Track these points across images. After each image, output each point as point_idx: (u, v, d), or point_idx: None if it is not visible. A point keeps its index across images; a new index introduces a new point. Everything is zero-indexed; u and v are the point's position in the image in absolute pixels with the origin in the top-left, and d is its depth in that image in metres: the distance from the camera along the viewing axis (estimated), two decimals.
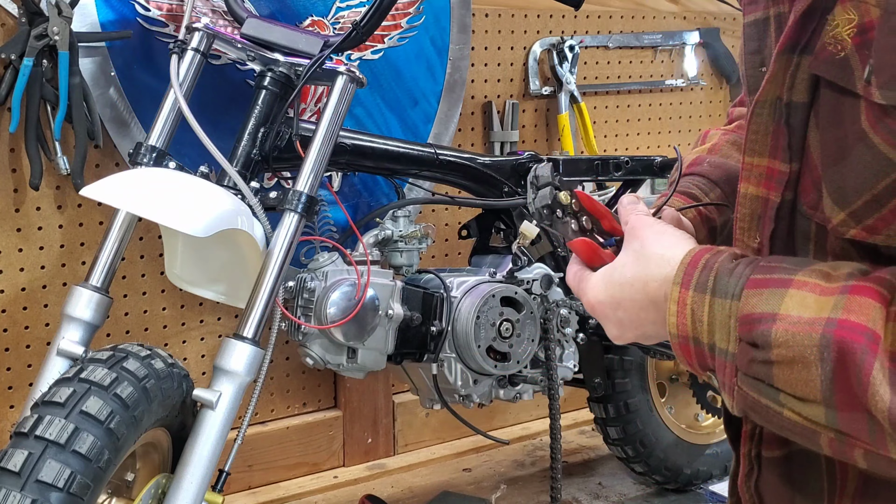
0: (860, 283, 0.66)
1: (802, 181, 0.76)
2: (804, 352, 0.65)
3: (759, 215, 0.80)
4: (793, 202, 0.77)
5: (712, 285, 0.71)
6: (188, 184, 1.51)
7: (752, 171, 0.79)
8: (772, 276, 0.69)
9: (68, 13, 1.82)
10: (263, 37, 1.76)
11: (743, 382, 0.69)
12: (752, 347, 0.68)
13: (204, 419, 1.46)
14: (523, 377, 2.00)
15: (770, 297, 0.68)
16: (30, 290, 1.96)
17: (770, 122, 0.77)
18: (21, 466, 1.25)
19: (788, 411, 0.67)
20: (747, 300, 0.69)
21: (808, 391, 0.65)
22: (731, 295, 0.70)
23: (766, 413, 0.69)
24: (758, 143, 0.78)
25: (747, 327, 0.68)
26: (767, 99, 0.77)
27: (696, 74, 2.91)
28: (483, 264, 2.11)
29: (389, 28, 2.26)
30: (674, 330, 0.74)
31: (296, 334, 1.84)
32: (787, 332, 0.66)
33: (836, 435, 0.66)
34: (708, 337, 0.71)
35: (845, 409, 0.64)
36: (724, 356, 0.70)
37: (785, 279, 0.68)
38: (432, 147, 2.04)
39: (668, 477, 2.33)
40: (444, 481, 2.41)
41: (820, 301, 0.66)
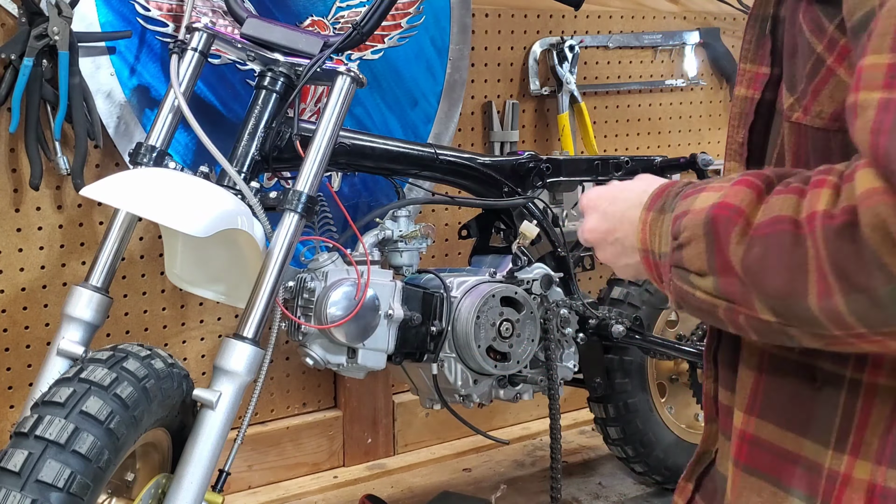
0: (744, 178, 0.78)
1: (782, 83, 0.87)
2: (696, 231, 0.78)
3: (745, 113, 0.92)
4: (772, 102, 0.89)
5: (665, 205, 0.85)
6: (188, 184, 1.51)
7: (745, 75, 0.92)
8: (696, 188, 0.82)
9: (68, 13, 1.82)
10: (263, 37, 1.76)
11: (673, 274, 0.82)
12: (674, 240, 0.81)
13: (204, 419, 1.46)
14: (523, 377, 2.00)
15: (690, 200, 0.81)
16: (30, 290, 1.96)
17: (761, 33, 0.90)
18: (21, 466, 1.25)
19: (698, 291, 0.79)
20: (678, 207, 0.82)
21: (700, 264, 0.78)
22: (671, 209, 0.83)
23: (688, 298, 0.81)
24: (749, 52, 0.91)
25: (673, 226, 0.82)
26: (759, 14, 0.90)
27: (696, 74, 2.91)
28: (483, 264, 2.11)
29: (389, 28, 2.26)
30: (638, 244, 0.87)
31: (296, 334, 1.84)
32: (688, 219, 0.79)
33: (727, 304, 0.77)
34: (658, 246, 0.84)
35: (722, 273, 0.76)
36: (664, 257, 0.83)
37: (704, 186, 0.82)
38: (432, 147, 2.04)
39: (668, 477, 2.33)
40: (444, 481, 2.41)
41: (713, 195, 0.79)
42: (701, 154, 2.29)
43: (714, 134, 3.01)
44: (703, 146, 2.98)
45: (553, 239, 2.14)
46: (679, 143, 2.94)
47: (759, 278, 0.72)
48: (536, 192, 2.14)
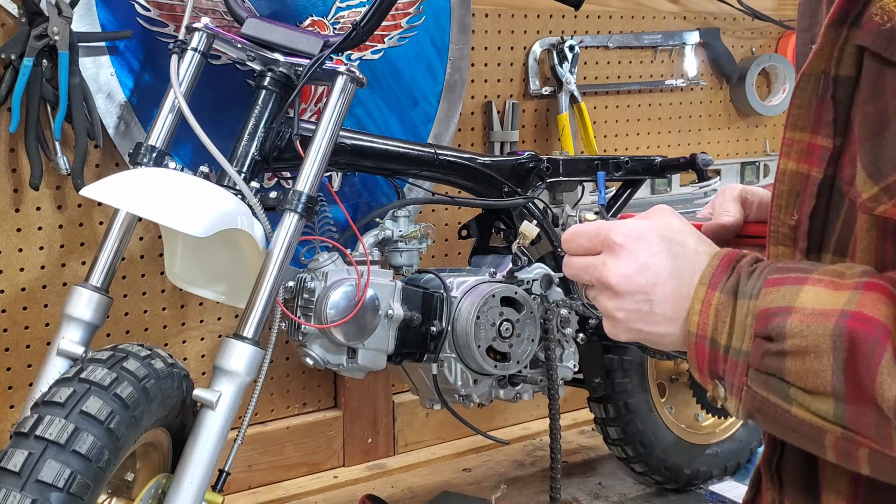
0: (873, 281, 0.67)
1: (843, 157, 0.75)
2: (818, 341, 0.66)
3: (797, 192, 0.79)
4: (833, 178, 0.76)
5: (735, 287, 0.72)
6: (188, 184, 1.51)
7: (794, 146, 0.78)
8: (788, 276, 0.70)
9: (68, 13, 1.82)
10: (263, 37, 1.76)
11: (753, 380, 0.70)
12: (766, 341, 0.69)
13: (204, 419, 1.46)
14: (523, 377, 2.00)
15: (787, 293, 0.69)
16: (30, 290, 1.96)
17: (814, 96, 0.76)
18: (21, 466, 1.25)
19: (797, 407, 0.68)
20: (765, 297, 0.70)
21: (818, 383, 0.66)
22: (750, 294, 0.71)
23: (773, 413, 0.69)
24: (801, 118, 0.77)
25: (763, 322, 0.69)
26: (813, 73, 0.75)
27: (696, 74, 2.91)
28: (483, 264, 2.11)
29: (389, 28, 2.26)
30: (693, 329, 0.74)
31: (296, 334, 1.84)
32: (801, 323, 0.66)
33: (843, 432, 0.66)
34: (726, 338, 0.72)
35: (853, 401, 0.64)
36: (737, 356, 0.71)
37: (801, 277, 0.69)
38: (432, 147, 2.04)
39: (668, 477, 2.33)
40: (444, 481, 2.41)
41: (834, 295, 0.67)
42: (701, 154, 2.29)
43: (714, 134, 3.01)
44: (703, 146, 2.98)
45: (553, 239, 2.14)
46: (679, 143, 2.94)
47: None
48: (536, 192, 2.14)
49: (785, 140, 0.79)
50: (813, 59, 0.75)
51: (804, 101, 0.77)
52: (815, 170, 0.77)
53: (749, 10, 2.94)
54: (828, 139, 0.76)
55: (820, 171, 0.76)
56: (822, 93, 0.75)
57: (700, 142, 2.98)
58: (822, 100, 0.75)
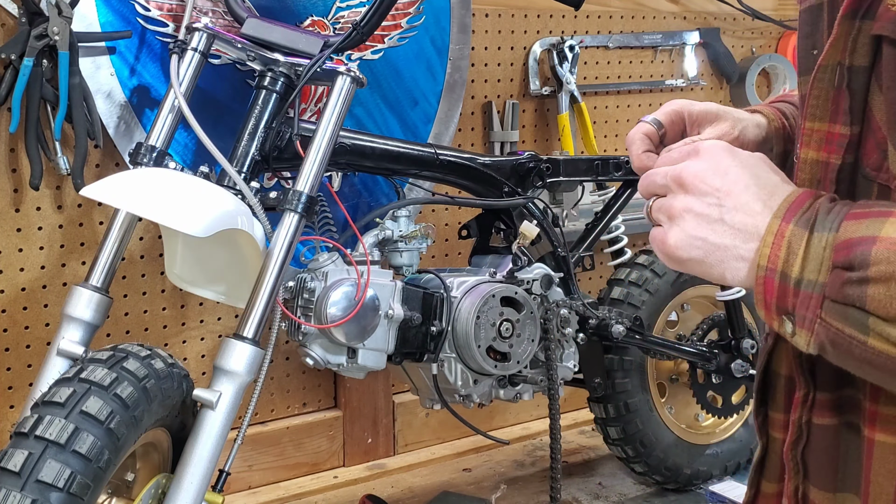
0: None
1: (865, 144, 0.76)
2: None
3: (818, 179, 0.80)
4: (853, 165, 0.77)
5: (813, 222, 0.71)
6: (188, 184, 1.51)
7: (813, 135, 0.79)
8: (871, 210, 0.70)
9: (68, 13, 1.82)
10: (263, 37, 1.76)
11: (828, 311, 0.69)
12: (845, 271, 0.68)
13: (204, 419, 1.46)
14: (523, 377, 2.00)
15: (871, 224, 0.68)
16: (30, 290, 1.96)
17: (831, 86, 0.77)
18: (21, 466, 1.25)
19: (874, 338, 0.67)
20: (846, 229, 0.69)
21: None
22: (829, 228, 0.70)
23: (847, 344, 0.69)
24: (819, 108, 0.78)
25: (844, 252, 0.68)
26: (829, 64, 0.77)
27: (696, 74, 2.91)
28: (483, 264, 2.11)
29: (389, 28, 2.26)
30: (764, 262, 0.72)
31: (296, 334, 1.84)
32: (887, 250, 0.66)
33: None
34: (799, 271, 0.71)
35: None
36: (812, 287, 0.70)
37: (885, 211, 0.69)
38: (432, 147, 2.04)
39: (668, 477, 2.33)
40: (444, 481, 2.41)
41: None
42: None
43: None
44: None
45: (553, 239, 2.14)
46: None
47: None
48: (536, 192, 2.14)
49: (805, 131, 0.80)
50: (829, 51, 0.76)
51: (822, 91, 0.78)
52: (834, 157, 0.78)
53: (749, 10, 2.94)
54: (845, 127, 0.76)
55: (839, 157, 0.77)
56: (839, 83, 0.76)
57: None
58: (839, 90, 0.76)
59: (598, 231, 2.30)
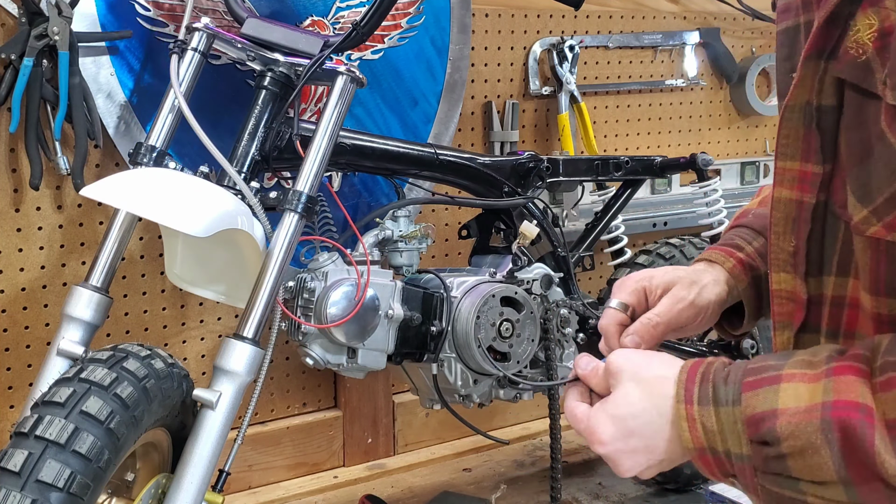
0: (840, 364, 0.71)
1: (834, 182, 0.78)
2: (811, 438, 0.69)
3: (793, 218, 0.82)
4: (825, 203, 0.79)
5: (712, 395, 0.75)
6: (188, 184, 1.51)
7: (786, 175, 0.81)
8: (763, 376, 0.74)
9: (68, 13, 1.82)
10: (263, 37, 1.76)
11: (764, 480, 0.73)
12: (763, 446, 0.72)
13: (204, 419, 1.46)
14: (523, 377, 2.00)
15: (766, 396, 0.72)
16: (30, 290, 1.96)
17: (801, 126, 0.79)
18: (21, 466, 1.25)
19: (812, 497, 0.71)
20: (747, 402, 0.73)
21: (823, 474, 0.69)
22: (731, 401, 0.74)
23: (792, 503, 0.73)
24: (790, 147, 0.80)
25: (754, 428, 0.72)
26: (797, 104, 0.79)
27: (696, 74, 2.91)
28: (483, 264, 2.11)
29: (389, 28, 2.26)
30: (690, 445, 0.77)
31: (296, 334, 1.84)
32: (790, 424, 0.70)
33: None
34: (722, 445, 0.75)
35: (861, 482, 0.68)
36: (742, 460, 0.74)
37: (774, 376, 0.73)
38: (432, 147, 2.04)
39: (668, 477, 2.33)
40: (444, 481, 2.41)
41: (811, 388, 0.70)
42: (701, 154, 2.29)
43: (714, 134, 3.01)
44: (703, 146, 2.98)
45: (553, 239, 2.14)
46: (679, 143, 2.94)
47: None
48: (536, 192, 2.14)
49: (777, 170, 0.82)
50: (795, 91, 0.78)
51: (791, 131, 0.80)
52: (808, 195, 0.80)
53: (749, 10, 2.94)
54: (817, 166, 0.78)
55: (812, 196, 0.80)
56: (808, 122, 0.78)
57: (700, 142, 2.98)
58: (809, 129, 0.78)
59: (598, 231, 2.30)
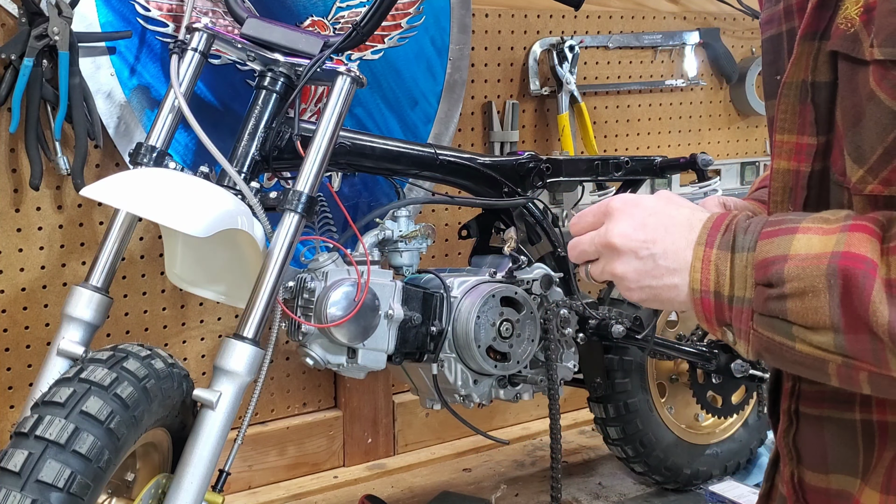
0: (857, 222, 0.74)
1: (833, 152, 0.82)
2: (814, 282, 0.72)
3: (790, 187, 0.86)
4: (822, 172, 0.84)
5: (732, 243, 0.78)
6: (188, 184, 1.51)
7: (783, 147, 0.86)
8: (780, 227, 0.77)
9: (68, 13, 1.82)
10: (263, 37, 1.76)
11: (758, 323, 0.76)
12: (767, 288, 0.75)
13: (204, 419, 1.46)
14: (523, 377, 2.00)
15: (781, 243, 0.76)
16: (30, 290, 1.97)
17: (796, 101, 0.84)
18: (21, 466, 1.25)
19: (800, 343, 0.74)
20: (761, 248, 0.76)
21: (818, 318, 0.72)
22: (747, 248, 0.77)
23: (779, 350, 0.76)
24: (787, 122, 0.85)
25: (763, 271, 0.75)
26: (793, 81, 0.84)
27: (696, 74, 2.91)
28: (483, 264, 2.11)
29: (389, 28, 2.26)
30: (696, 285, 0.79)
31: (296, 334, 1.84)
32: (798, 268, 0.73)
33: (844, 360, 0.73)
34: (729, 289, 0.78)
35: (850, 330, 0.71)
36: (742, 303, 0.77)
37: (792, 227, 0.76)
38: (432, 147, 2.04)
39: (668, 477, 2.33)
40: (444, 481, 2.41)
41: (824, 240, 0.74)
42: (701, 154, 2.29)
43: (714, 134, 3.01)
44: (703, 146, 2.98)
45: (553, 239, 2.14)
46: (679, 143, 2.94)
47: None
48: (536, 192, 2.14)
49: (775, 143, 0.87)
50: (791, 69, 0.83)
51: (788, 106, 0.85)
52: (804, 165, 0.85)
53: (749, 10, 2.94)
54: (812, 137, 0.83)
55: (808, 165, 0.84)
56: (803, 98, 0.84)
57: (700, 142, 2.98)
58: (804, 104, 0.84)
59: None
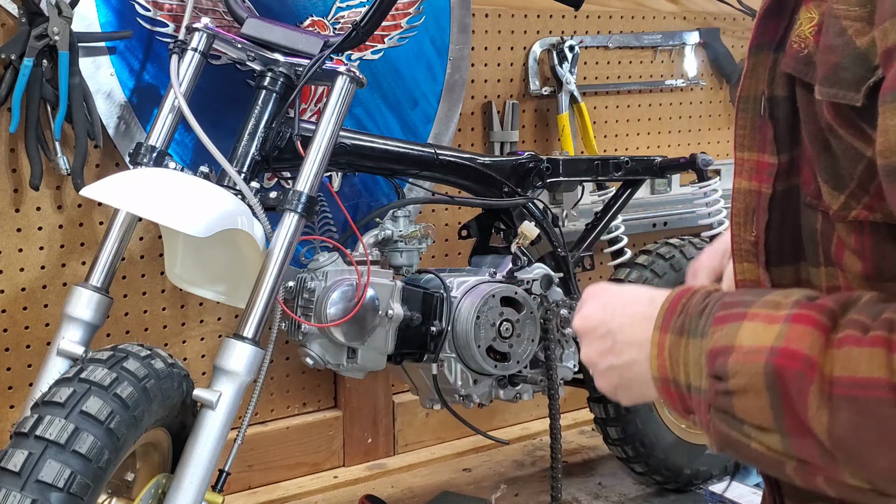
0: (803, 312, 0.68)
1: (802, 173, 0.77)
2: (753, 380, 0.67)
3: (752, 208, 0.81)
4: (786, 193, 0.78)
5: (687, 327, 0.74)
6: (188, 184, 1.51)
7: (744, 165, 0.81)
8: (731, 311, 0.72)
9: (68, 13, 1.82)
10: (263, 37, 1.76)
11: (714, 417, 0.71)
12: (716, 381, 0.70)
13: (204, 419, 1.46)
14: (523, 377, 2.00)
15: (728, 331, 0.70)
16: (30, 290, 1.96)
17: (756, 116, 0.79)
18: (21, 466, 1.25)
19: (754, 442, 0.69)
20: (712, 336, 0.71)
21: (763, 419, 0.67)
22: (700, 334, 0.72)
23: (738, 446, 0.71)
24: (746, 139, 0.80)
25: (712, 361, 0.70)
26: (749, 94, 0.79)
27: (696, 74, 2.91)
28: (483, 264, 2.11)
29: (389, 28, 2.26)
30: (656, 373, 0.76)
31: (296, 334, 1.84)
32: (738, 363, 0.68)
33: (798, 463, 0.68)
34: (685, 377, 0.73)
35: (795, 434, 0.66)
36: (699, 393, 0.72)
37: (741, 312, 0.71)
38: (432, 147, 2.04)
39: (668, 477, 2.33)
40: (444, 481, 2.41)
41: (767, 330, 0.68)
42: (701, 154, 2.29)
43: (714, 134, 3.01)
44: (703, 146, 2.98)
45: (553, 239, 2.14)
46: (679, 143, 2.94)
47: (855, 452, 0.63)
48: (536, 192, 2.14)
49: (736, 160, 0.82)
50: (745, 82, 0.78)
51: (746, 122, 0.80)
52: (765, 186, 0.79)
53: (749, 10, 2.94)
54: (773, 156, 0.78)
55: (769, 187, 0.79)
56: (762, 113, 0.78)
57: (700, 142, 2.98)
58: (763, 120, 0.78)
59: (598, 231, 2.30)
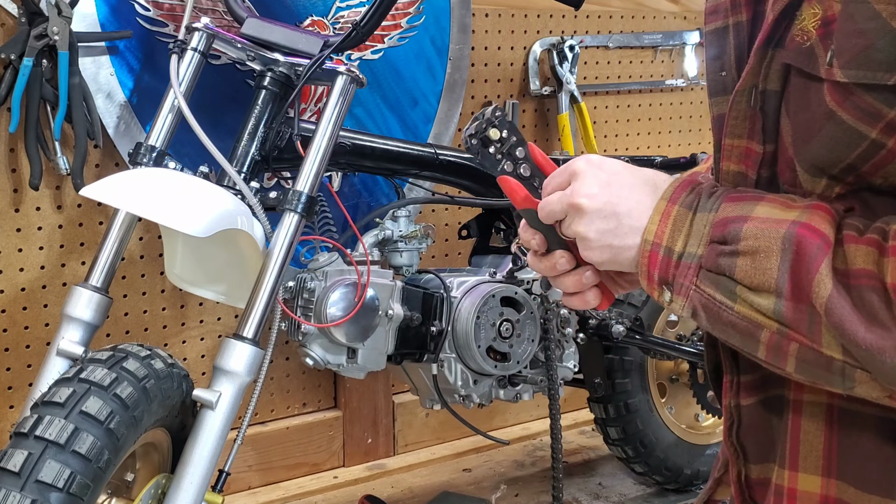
0: (820, 204, 0.75)
1: (779, 163, 0.83)
2: (769, 243, 0.73)
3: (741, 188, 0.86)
4: (769, 179, 0.84)
5: (696, 204, 0.80)
6: (188, 184, 1.51)
7: (733, 150, 0.86)
8: (746, 194, 0.79)
9: (68, 13, 1.82)
10: (263, 37, 1.76)
11: (702, 279, 0.77)
12: (720, 245, 0.76)
13: (204, 419, 1.46)
14: (523, 377, 2.00)
15: (744, 206, 0.77)
16: (30, 290, 1.96)
17: (748, 108, 0.84)
18: (21, 466, 1.25)
19: (740, 304, 0.75)
20: (724, 210, 0.78)
21: (764, 280, 0.73)
22: (710, 209, 0.79)
23: (716, 309, 0.76)
24: (737, 127, 0.85)
25: (720, 228, 0.77)
26: (746, 88, 0.83)
27: (696, 74, 2.91)
28: (483, 264, 2.11)
29: (389, 28, 2.26)
30: (650, 237, 0.80)
31: (296, 334, 1.84)
32: (756, 228, 0.75)
33: (779, 328, 0.73)
34: (682, 245, 0.79)
35: (792, 298, 0.72)
36: (691, 258, 0.78)
37: (757, 196, 0.79)
38: (432, 147, 2.04)
39: (668, 477, 2.33)
40: (444, 481, 2.41)
41: (786, 210, 0.76)
42: (701, 154, 2.29)
43: None
44: (703, 146, 2.98)
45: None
46: (679, 143, 2.94)
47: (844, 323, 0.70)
48: None
49: (725, 146, 0.87)
50: (746, 77, 0.83)
51: (739, 112, 0.84)
52: (751, 171, 0.85)
53: None
54: (759, 145, 0.84)
55: (755, 172, 0.85)
56: (754, 105, 0.84)
57: (700, 142, 2.98)
58: (754, 111, 0.84)
59: None
